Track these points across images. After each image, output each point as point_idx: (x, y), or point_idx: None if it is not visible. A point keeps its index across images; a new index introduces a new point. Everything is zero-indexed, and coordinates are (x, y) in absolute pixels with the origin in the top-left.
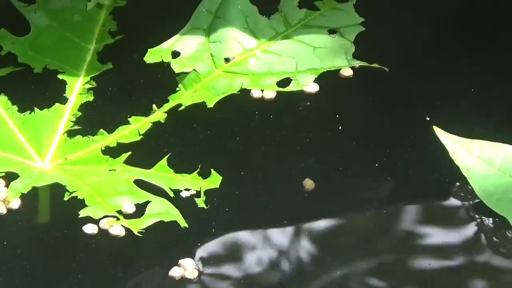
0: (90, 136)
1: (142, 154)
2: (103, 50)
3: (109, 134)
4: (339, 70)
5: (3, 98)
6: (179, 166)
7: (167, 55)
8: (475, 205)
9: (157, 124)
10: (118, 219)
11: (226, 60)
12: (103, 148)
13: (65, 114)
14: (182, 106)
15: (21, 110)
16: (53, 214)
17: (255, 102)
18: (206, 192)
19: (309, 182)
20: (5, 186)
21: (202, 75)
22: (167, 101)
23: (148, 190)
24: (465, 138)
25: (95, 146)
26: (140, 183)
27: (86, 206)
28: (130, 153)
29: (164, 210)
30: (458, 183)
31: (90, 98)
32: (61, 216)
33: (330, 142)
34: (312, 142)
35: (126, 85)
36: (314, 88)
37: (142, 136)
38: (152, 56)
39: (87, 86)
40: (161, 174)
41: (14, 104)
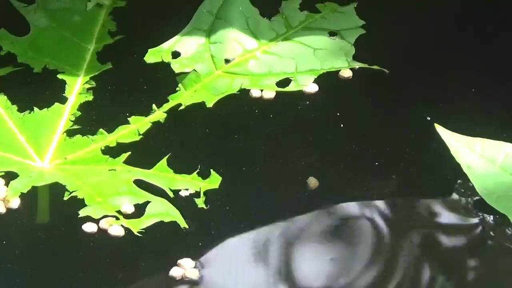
0: (90, 135)
1: (142, 154)
2: (103, 50)
3: (108, 134)
4: (339, 71)
5: (3, 97)
6: (179, 166)
7: (168, 56)
8: (476, 202)
9: (157, 124)
10: (118, 219)
11: (227, 61)
12: (103, 148)
13: (64, 113)
14: (182, 106)
15: (20, 110)
16: (52, 213)
17: (255, 102)
18: (206, 192)
19: (313, 181)
20: (4, 185)
21: (202, 76)
22: (167, 101)
23: (148, 190)
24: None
25: (95, 146)
26: (140, 183)
27: (85, 205)
28: (130, 153)
29: (164, 211)
30: (460, 181)
31: (90, 98)
32: (60, 215)
33: (329, 142)
34: (311, 141)
35: (126, 85)
36: (313, 88)
37: (141, 136)
38: (152, 56)
39: (87, 86)
40: (161, 174)
41: (13, 103)
